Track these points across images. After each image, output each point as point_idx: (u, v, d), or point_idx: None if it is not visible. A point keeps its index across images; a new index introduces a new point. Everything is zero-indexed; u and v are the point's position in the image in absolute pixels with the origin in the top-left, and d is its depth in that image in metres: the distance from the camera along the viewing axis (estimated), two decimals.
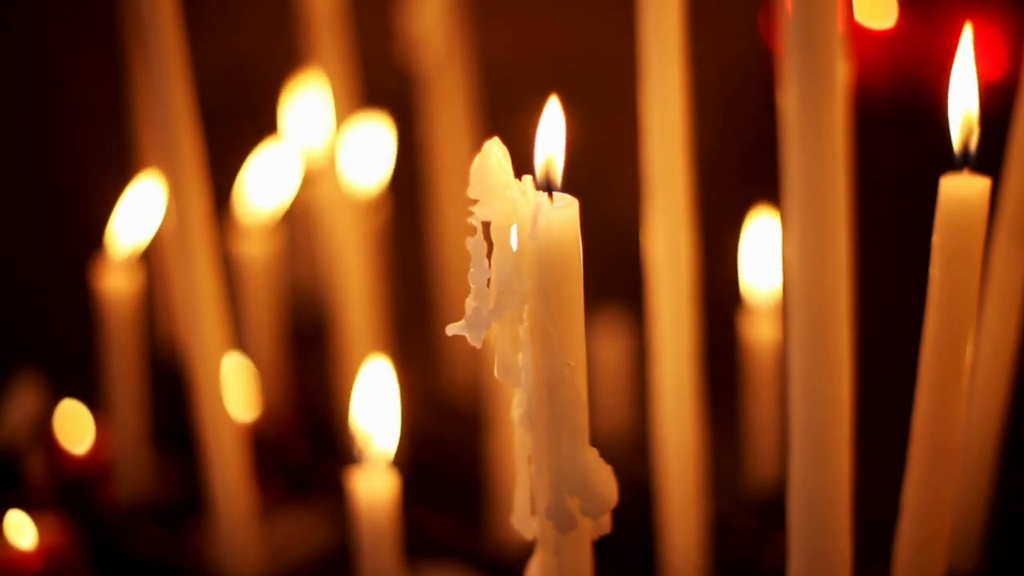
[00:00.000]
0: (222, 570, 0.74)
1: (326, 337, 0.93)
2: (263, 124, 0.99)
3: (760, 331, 0.83)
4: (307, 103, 0.95)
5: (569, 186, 0.45)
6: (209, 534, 0.77)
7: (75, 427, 0.85)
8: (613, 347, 0.94)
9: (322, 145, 0.89)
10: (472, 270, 0.44)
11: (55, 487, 0.82)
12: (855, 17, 0.92)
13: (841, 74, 0.47)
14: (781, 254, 0.82)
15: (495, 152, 0.44)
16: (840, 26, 0.46)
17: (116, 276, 0.83)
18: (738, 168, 1.05)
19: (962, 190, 0.48)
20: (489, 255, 0.44)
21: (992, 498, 0.66)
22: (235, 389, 0.81)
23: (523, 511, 0.48)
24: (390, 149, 1.00)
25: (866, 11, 0.96)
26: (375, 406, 0.64)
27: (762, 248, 0.84)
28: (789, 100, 0.46)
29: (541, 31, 1.17)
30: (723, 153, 1.01)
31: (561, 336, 0.44)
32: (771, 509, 0.71)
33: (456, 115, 1.01)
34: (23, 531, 0.74)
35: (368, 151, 0.98)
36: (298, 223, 1.03)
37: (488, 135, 0.44)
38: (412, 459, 0.85)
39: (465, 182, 0.44)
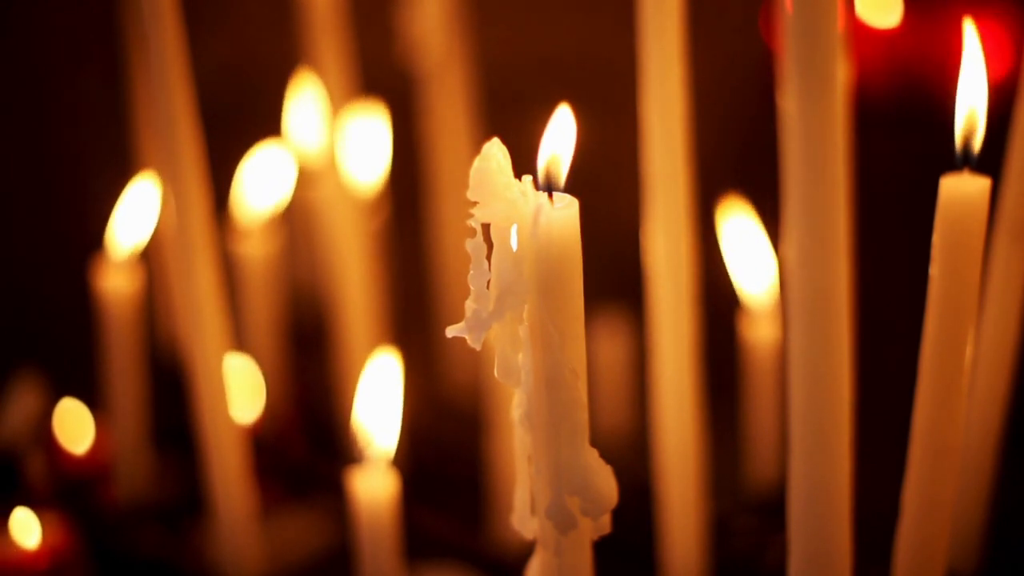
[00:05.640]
0: (222, 570, 0.74)
1: (326, 337, 0.93)
2: (263, 124, 0.99)
3: (760, 331, 0.83)
4: (307, 103, 0.95)
5: (569, 186, 0.45)
6: (209, 534, 0.77)
7: (75, 427, 0.85)
8: (613, 347, 0.94)
9: (322, 145, 0.89)
10: (472, 272, 0.44)
11: (55, 487, 0.82)
12: (858, 14, 0.92)
13: (841, 74, 0.47)
14: (781, 254, 0.82)
15: (495, 153, 0.44)
16: (840, 25, 0.46)
17: (116, 276, 0.83)
18: (738, 168, 1.05)
19: (962, 190, 0.48)
20: (489, 257, 0.44)
21: (992, 498, 0.66)
22: (235, 389, 0.81)
23: (523, 511, 0.48)
24: (389, 148, 1.00)
25: (869, 8, 0.96)
26: (378, 401, 0.64)
27: (747, 246, 0.84)
28: (789, 100, 0.46)
29: (541, 31, 1.17)
30: (723, 153, 1.01)
31: (561, 336, 0.44)
32: (771, 509, 0.71)
33: (456, 115, 1.01)
34: (27, 530, 0.74)
35: (368, 151, 0.98)
36: (298, 223, 1.03)
37: (488, 135, 0.44)
38: (412, 459, 0.85)
39: (465, 182, 0.44)
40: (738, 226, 0.85)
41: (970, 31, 0.50)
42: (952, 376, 0.50)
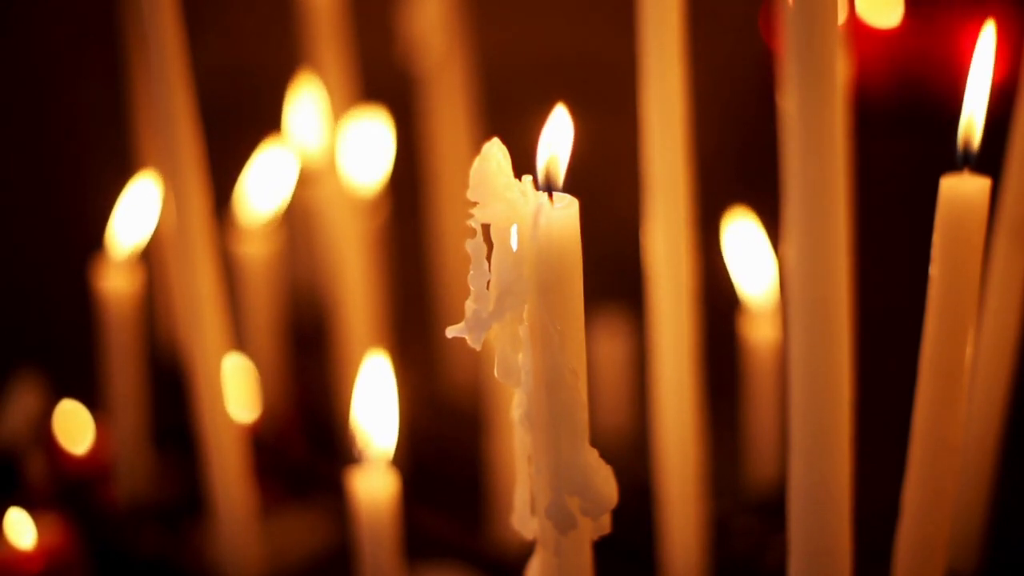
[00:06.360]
0: (222, 570, 0.74)
1: (326, 337, 0.93)
2: (263, 124, 0.99)
3: (760, 331, 0.83)
4: (307, 103, 0.95)
5: (569, 186, 0.45)
6: (209, 534, 0.77)
7: (75, 427, 0.85)
8: (613, 347, 0.94)
9: (322, 145, 0.89)
10: (472, 272, 0.44)
11: (55, 487, 0.82)
12: (858, 14, 0.92)
13: (841, 74, 0.47)
14: (781, 254, 0.82)
15: (495, 153, 0.44)
16: (840, 25, 0.46)
17: (116, 276, 0.83)
18: (738, 168, 1.05)
19: (962, 190, 0.48)
20: (489, 257, 0.44)
21: (992, 498, 0.66)
22: (235, 389, 0.81)
23: (523, 511, 0.48)
24: (390, 149, 1.00)
25: (869, 8, 0.96)
26: (374, 404, 0.64)
27: (747, 249, 0.84)
28: (789, 100, 0.46)
29: (541, 31, 1.17)
30: (723, 153, 1.01)
31: (561, 336, 0.44)
32: (771, 509, 0.71)
33: (456, 115, 1.01)
34: (23, 531, 0.74)
35: (368, 151, 0.98)
36: (298, 223, 1.03)
37: (488, 135, 0.44)
38: (412, 459, 0.85)
39: (465, 182, 0.44)
40: (739, 227, 0.85)
41: (988, 31, 0.50)
42: (952, 376, 0.50)
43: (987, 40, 0.50)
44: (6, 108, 1.15)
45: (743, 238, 0.84)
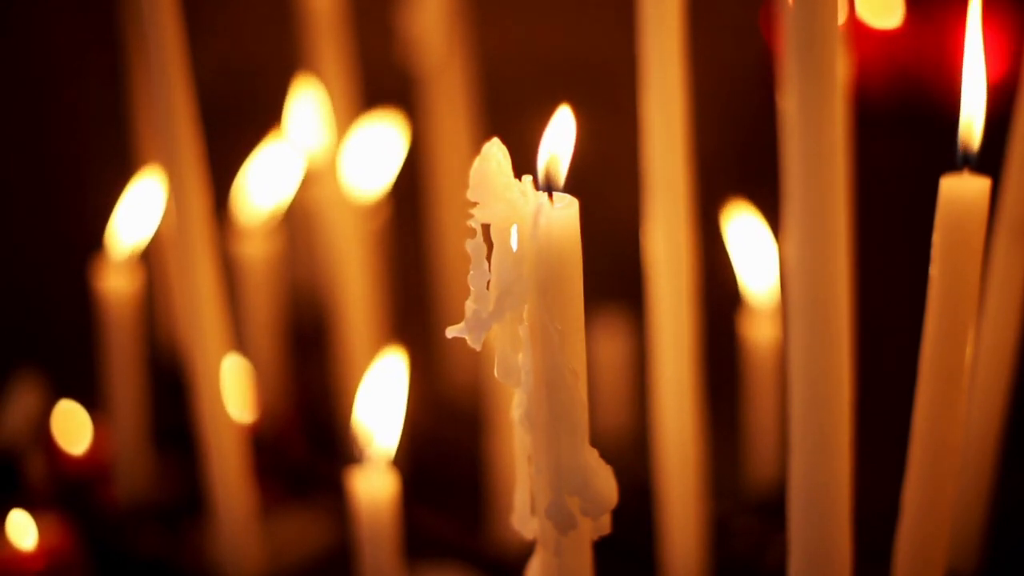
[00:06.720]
0: (222, 570, 0.74)
1: (326, 337, 0.93)
2: (263, 124, 0.99)
3: (760, 331, 0.83)
4: (307, 103, 0.95)
5: (569, 186, 0.45)
6: (209, 534, 0.77)
7: (73, 427, 0.85)
8: (613, 347, 0.94)
9: (322, 145, 0.89)
10: (472, 272, 0.44)
11: (55, 487, 0.82)
12: (858, 15, 0.92)
13: (841, 74, 0.47)
14: (781, 254, 0.82)
15: (495, 153, 0.44)
16: (841, 25, 0.46)
17: (116, 276, 0.83)
18: (738, 168, 1.05)
19: (962, 190, 0.48)
20: (489, 257, 0.44)
21: (992, 498, 0.66)
22: (235, 389, 0.81)
23: (523, 511, 0.48)
24: (398, 150, 1.00)
25: (869, 9, 0.96)
26: (381, 403, 0.64)
27: (751, 246, 0.84)
28: (789, 100, 0.46)
29: (541, 31, 1.17)
30: (723, 153, 1.01)
31: (561, 336, 0.44)
32: (771, 509, 0.71)
33: (456, 115, 1.01)
34: (25, 531, 0.74)
35: (369, 152, 0.98)
36: (298, 223, 1.03)
37: (488, 135, 0.44)
38: (412, 459, 0.85)
39: (465, 183, 0.44)
40: (740, 225, 0.85)
41: (973, 30, 0.50)
42: (952, 376, 0.50)
43: (974, 33, 0.50)
44: (6, 108, 1.15)
45: (746, 235, 0.84)
